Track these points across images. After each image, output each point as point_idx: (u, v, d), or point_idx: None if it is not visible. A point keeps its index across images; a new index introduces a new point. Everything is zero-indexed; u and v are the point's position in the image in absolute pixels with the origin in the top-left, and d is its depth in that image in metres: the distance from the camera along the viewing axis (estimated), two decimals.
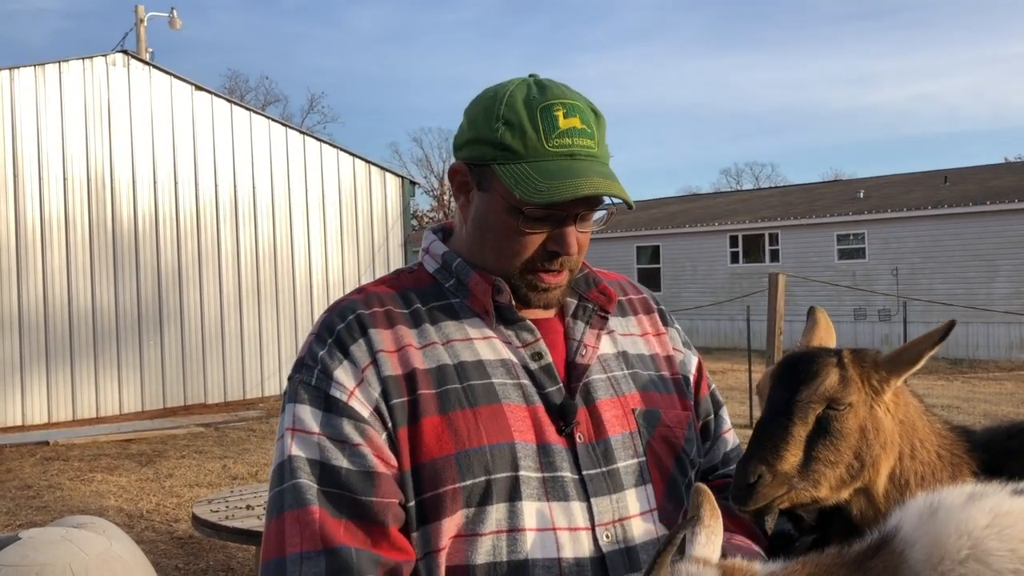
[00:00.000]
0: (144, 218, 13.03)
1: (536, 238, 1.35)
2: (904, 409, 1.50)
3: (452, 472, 1.26)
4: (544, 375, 1.37)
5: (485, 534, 1.27)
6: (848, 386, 1.44)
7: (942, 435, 1.53)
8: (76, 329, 12.36)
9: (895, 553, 1.06)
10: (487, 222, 1.38)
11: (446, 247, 1.45)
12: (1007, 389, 14.55)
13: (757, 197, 29.85)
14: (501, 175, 1.32)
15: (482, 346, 1.37)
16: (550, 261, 1.36)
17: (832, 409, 1.43)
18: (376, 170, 15.45)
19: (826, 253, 21.94)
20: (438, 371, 1.32)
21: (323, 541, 1.22)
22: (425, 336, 1.36)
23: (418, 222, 43.27)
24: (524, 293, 1.39)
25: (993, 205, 19.28)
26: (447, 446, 1.28)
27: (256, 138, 14.15)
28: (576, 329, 1.44)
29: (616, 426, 1.39)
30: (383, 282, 1.45)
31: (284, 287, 14.30)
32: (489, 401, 1.32)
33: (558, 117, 1.33)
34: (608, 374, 1.43)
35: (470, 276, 1.40)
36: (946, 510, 1.07)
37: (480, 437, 1.29)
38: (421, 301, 1.40)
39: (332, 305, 1.41)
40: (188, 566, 5.97)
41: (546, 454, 1.32)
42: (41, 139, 12.26)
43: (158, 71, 13.39)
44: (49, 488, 8.34)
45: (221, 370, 13.60)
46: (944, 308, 17.67)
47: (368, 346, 1.33)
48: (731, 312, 21.14)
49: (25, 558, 2.88)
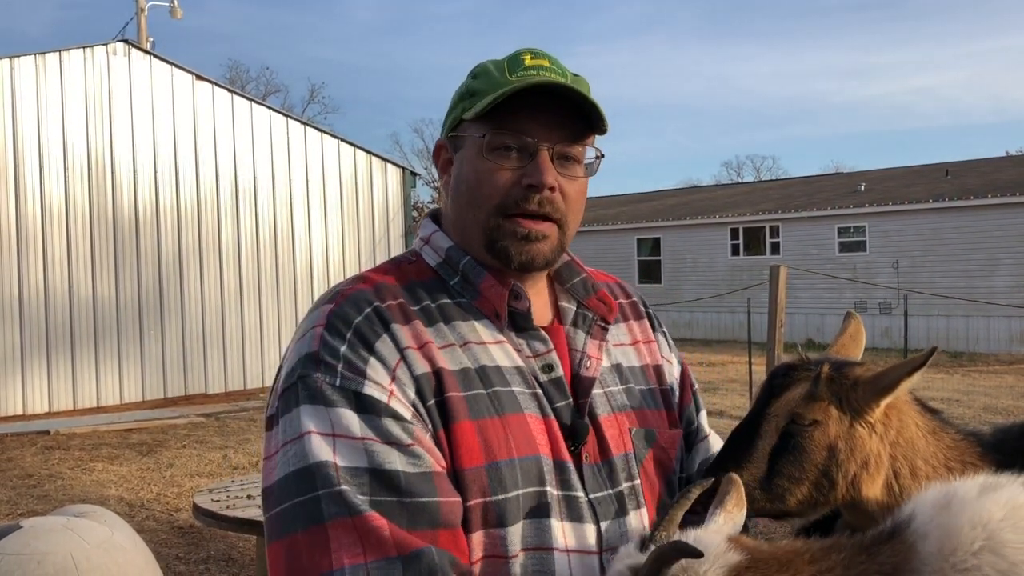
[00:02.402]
0: (145, 208, 13.02)
1: (506, 173, 1.26)
2: (899, 430, 1.44)
3: (482, 485, 1.18)
4: (554, 388, 1.28)
5: (514, 555, 1.19)
6: (811, 403, 1.39)
7: (951, 447, 1.48)
8: (77, 318, 12.36)
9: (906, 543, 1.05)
10: (462, 177, 1.31)
11: (451, 241, 1.35)
12: (1007, 382, 14.56)
13: (758, 189, 29.82)
14: (467, 120, 1.29)
15: (496, 351, 1.27)
16: (526, 199, 1.26)
17: (796, 424, 1.39)
18: (377, 161, 15.43)
19: (827, 246, 21.93)
20: (462, 374, 1.22)
21: (397, 547, 1.08)
22: (442, 336, 1.25)
23: (419, 213, 43.23)
24: (503, 247, 1.27)
25: (994, 198, 19.24)
26: (477, 456, 1.18)
27: (257, 128, 14.13)
28: (577, 339, 1.35)
29: (616, 446, 1.31)
30: (385, 272, 1.33)
31: (285, 277, 14.29)
32: (515, 411, 1.23)
33: (524, 60, 1.29)
34: (604, 389, 1.35)
35: (482, 278, 1.30)
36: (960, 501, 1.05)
37: (511, 449, 1.20)
38: (430, 298, 1.29)
39: (336, 294, 1.27)
40: (189, 555, 5.99)
41: (562, 471, 1.24)
42: (42, 128, 12.24)
43: (159, 60, 13.36)
44: (50, 477, 8.36)
45: (222, 360, 13.60)
46: (945, 301, 17.67)
47: (394, 342, 1.21)
48: (731, 304, 21.13)
49: (26, 547, 2.88)
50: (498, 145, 1.26)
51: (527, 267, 1.29)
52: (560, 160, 1.28)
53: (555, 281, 1.41)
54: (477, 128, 1.28)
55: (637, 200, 31.91)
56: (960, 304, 17.80)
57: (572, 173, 1.29)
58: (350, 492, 1.10)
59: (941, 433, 1.49)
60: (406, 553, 1.08)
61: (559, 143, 1.27)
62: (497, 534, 1.18)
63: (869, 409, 1.41)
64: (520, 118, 1.26)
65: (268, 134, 14.24)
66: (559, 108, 1.26)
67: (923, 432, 1.47)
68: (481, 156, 1.27)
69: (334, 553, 1.08)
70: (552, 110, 1.26)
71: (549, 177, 1.25)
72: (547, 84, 1.24)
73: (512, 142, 1.26)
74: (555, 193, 1.27)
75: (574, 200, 1.31)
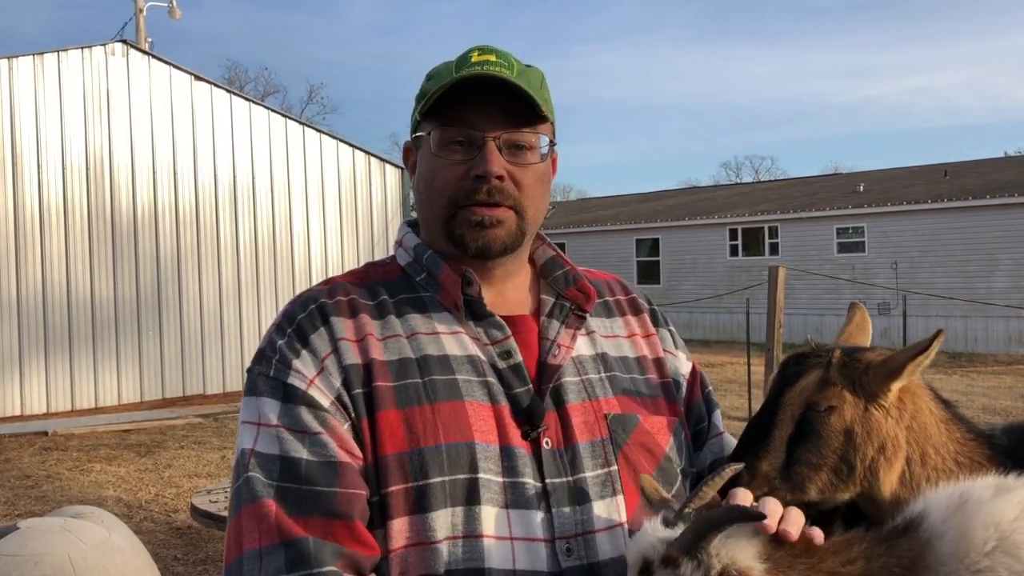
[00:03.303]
0: (143, 208, 13.01)
1: (456, 167, 1.31)
2: (913, 414, 1.45)
3: (404, 471, 1.20)
4: (512, 375, 1.29)
5: (440, 540, 1.20)
6: (826, 389, 1.40)
7: (961, 442, 1.49)
8: (75, 318, 12.35)
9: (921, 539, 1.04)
10: (420, 175, 1.37)
11: (419, 239, 1.40)
12: (1005, 383, 14.56)
13: (757, 190, 29.82)
14: (421, 120, 1.35)
15: (448, 341, 1.30)
16: (476, 190, 1.30)
17: (811, 411, 1.40)
18: (376, 161, 15.43)
19: (826, 246, 21.93)
20: (399, 364, 1.27)
21: (280, 534, 1.16)
22: (389, 327, 1.30)
23: None
24: (460, 234, 1.32)
25: (993, 199, 19.26)
26: (400, 443, 1.21)
27: (255, 128, 14.12)
28: (551, 328, 1.37)
29: (585, 432, 1.30)
30: (352, 274, 1.40)
31: (283, 278, 14.28)
32: (450, 398, 1.25)
33: (471, 57, 1.34)
34: (582, 376, 1.35)
35: (440, 268, 1.35)
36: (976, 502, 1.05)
37: (437, 436, 1.22)
38: (388, 294, 1.35)
39: (296, 296, 1.36)
40: (187, 556, 5.98)
41: (508, 458, 1.24)
42: (40, 128, 12.23)
43: (157, 61, 13.35)
44: (48, 478, 8.35)
45: (220, 361, 13.59)
46: (943, 302, 17.68)
47: (329, 335, 1.27)
48: (730, 305, 21.13)
49: (24, 548, 2.88)
50: (447, 140, 1.31)
51: (484, 253, 1.32)
52: (510, 149, 1.32)
53: (541, 276, 1.44)
54: (428, 126, 1.34)
55: (636, 201, 31.91)
56: (959, 305, 17.81)
57: (523, 160, 1.33)
58: (256, 479, 1.19)
59: (952, 425, 1.50)
60: (287, 539, 1.15)
61: (505, 132, 1.31)
62: (420, 520, 1.20)
63: (882, 393, 1.42)
64: (465, 112, 1.30)
65: (267, 135, 14.23)
66: (502, 100, 1.30)
67: (936, 420, 1.48)
68: (432, 154, 1.33)
69: (244, 537, 1.18)
70: (496, 102, 1.30)
71: (495, 166, 1.29)
72: (480, 76, 1.29)
73: (459, 135, 1.31)
74: (504, 182, 1.30)
75: (528, 186, 1.33)
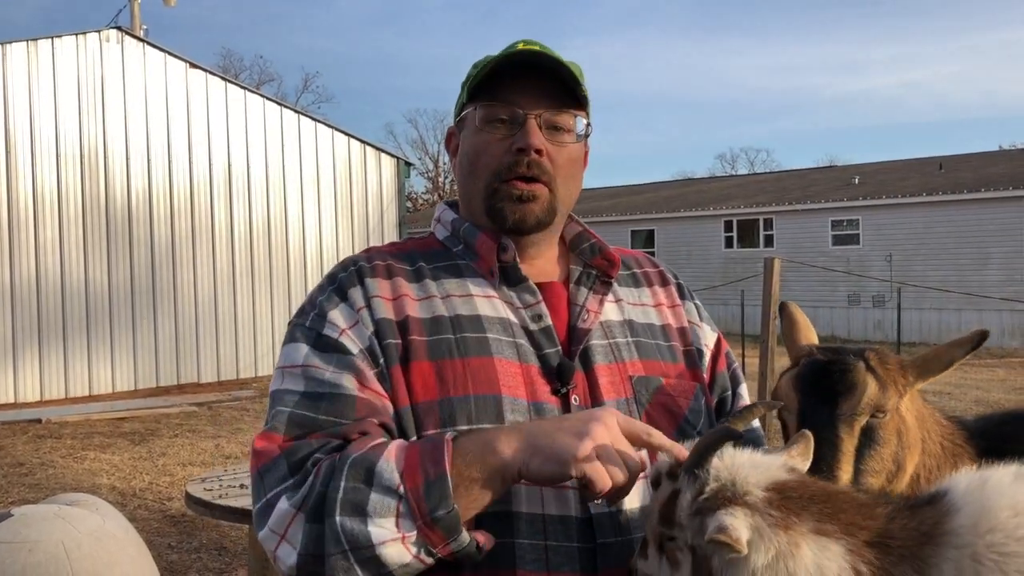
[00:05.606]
0: (138, 195, 12.98)
1: (500, 142, 1.39)
2: (919, 407, 1.50)
3: (434, 418, 1.28)
4: (543, 336, 1.37)
5: None
6: (887, 391, 1.43)
7: (942, 424, 1.53)
8: (69, 306, 12.33)
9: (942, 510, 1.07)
10: (464, 152, 1.45)
11: (455, 214, 1.50)
12: (998, 376, 14.62)
13: (752, 182, 29.84)
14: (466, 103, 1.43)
15: (482, 303, 1.39)
16: (517, 163, 1.38)
17: (875, 417, 1.41)
18: (371, 150, 15.40)
19: (820, 239, 21.97)
20: (432, 321, 1.35)
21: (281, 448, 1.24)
22: (425, 290, 1.40)
23: (412, 204, 43.19)
24: (499, 208, 1.40)
25: (987, 192, 19.30)
26: (432, 392, 1.29)
27: (251, 117, 14.09)
28: (579, 295, 1.45)
29: (611, 392, 1.37)
30: (391, 244, 1.50)
31: (278, 266, 14.28)
32: (480, 354, 1.33)
33: (517, 46, 1.41)
34: (610, 340, 1.42)
35: (476, 236, 1.44)
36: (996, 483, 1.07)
37: (467, 387, 1.30)
38: (425, 261, 1.44)
39: (340, 261, 1.47)
40: (181, 544, 5.99)
41: (539, 412, 1.31)
42: (34, 115, 12.19)
43: (152, 48, 13.30)
44: (42, 466, 8.35)
45: (215, 349, 13.59)
46: (937, 294, 17.73)
47: (365, 292, 1.37)
48: (725, 297, 21.16)
49: (17, 535, 2.88)
50: (491, 117, 1.40)
51: (519, 226, 1.41)
52: (549, 130, 1.40)
53: (569, 249, 1.53)
54: (472, 106, 1.43)
55: (631, 192, 31.90)
56: (952, 297, 17.86)
57: (560, 140, 1.41)
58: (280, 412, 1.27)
59: (935, 410, 1.57)
60: (287, 448, 1.24)
61: (546, 112, 1.39)
62: None
63: (909, 390, 1.47)
64: (510, 92, 1.40)
65: (262, 123, 14.20)
66: (545, 82, 1.39)
67: (929, 410, 1.54)
68: (477, 130, 1.42)
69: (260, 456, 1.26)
70: (539, 84, 1.39)
71: (535, 140, 1.38)
72: (523, 54, 1.38)
73: (503, 113, 1.40)
74: (543, 156, 1.39)
75: (563, 166, 1.42)
